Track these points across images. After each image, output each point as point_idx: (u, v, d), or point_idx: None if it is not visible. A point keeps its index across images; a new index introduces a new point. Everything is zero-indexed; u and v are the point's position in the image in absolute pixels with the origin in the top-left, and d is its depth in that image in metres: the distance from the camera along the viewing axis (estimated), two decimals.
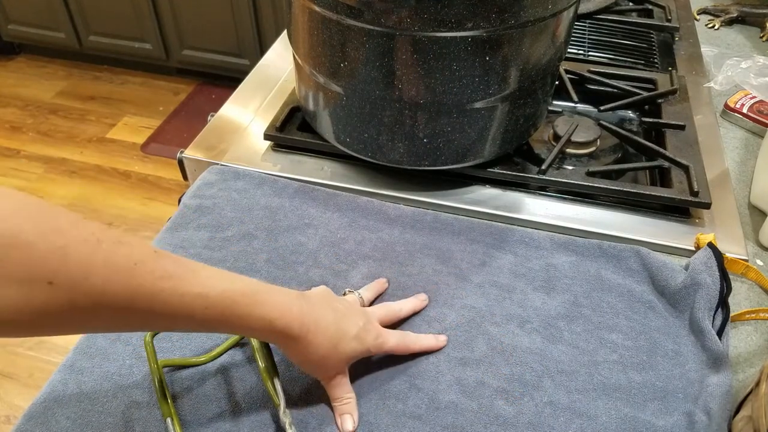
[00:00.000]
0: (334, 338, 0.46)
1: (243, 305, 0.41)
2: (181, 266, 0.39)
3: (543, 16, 0.56)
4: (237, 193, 0.67)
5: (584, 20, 0.98)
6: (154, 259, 0.37)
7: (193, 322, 0.40)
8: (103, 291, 0.34)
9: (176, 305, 0.38)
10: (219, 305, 0.40)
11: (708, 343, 0.53)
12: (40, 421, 0.47)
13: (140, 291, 0.36)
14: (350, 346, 0.47)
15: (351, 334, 0.47)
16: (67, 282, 0.33)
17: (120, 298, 0.35)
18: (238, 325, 0.41)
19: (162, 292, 0.37)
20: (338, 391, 0.48)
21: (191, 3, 2.13)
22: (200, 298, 0.39)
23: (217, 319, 0.40)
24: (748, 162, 0.76)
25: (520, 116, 0.65)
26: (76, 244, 0.34)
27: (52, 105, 2.37)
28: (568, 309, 0.57)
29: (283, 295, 0.44)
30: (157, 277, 0.37)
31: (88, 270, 0.34)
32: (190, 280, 0.39)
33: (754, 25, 1.05)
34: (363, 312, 0.51)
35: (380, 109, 0.61)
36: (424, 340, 0.53)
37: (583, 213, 0.67)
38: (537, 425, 0.48)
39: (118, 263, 0.35)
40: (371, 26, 0.55)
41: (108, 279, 0.34)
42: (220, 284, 0.40)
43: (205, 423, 0.48)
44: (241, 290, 0.41)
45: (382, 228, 0.64)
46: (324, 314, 0.46)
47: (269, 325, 0.42)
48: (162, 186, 2.02)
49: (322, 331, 0.45)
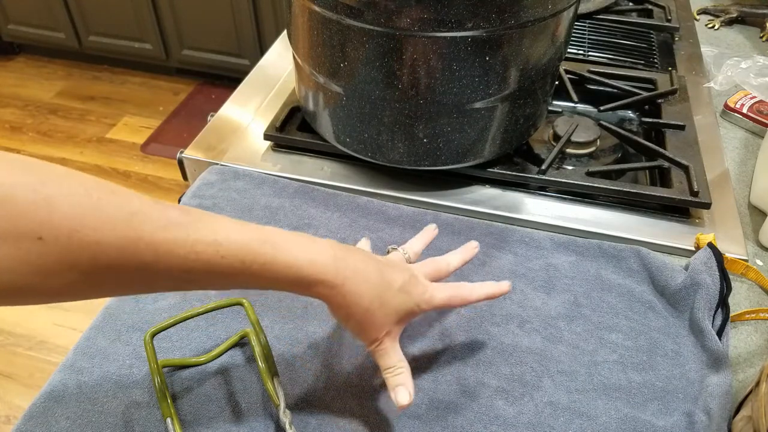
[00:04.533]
0: (377, 287, 0.41)
1: (265, 251, 0.37)
2: (189, 215, 0.36)
3: (543, 16, 0.56)
4: (237, 193, 0.67)
5: (584, 20, 0.98)
6: (155, 207, 0.35)
7: (212, 275, 0.36)
8: (98, 243, 0.32)
9: (187, 256, 0.35)
10: (237, 253, 0.36)
11: (708, 343, 0.53)
12: (40, 421, 0.47)
13: (142, 243, 0.33)
14: (397, 299, 0.42)
15: (397, 285, 0.43)
16: (57, 236, 0.31)
17: (120, 251, 0.33)
18: (262, 274, 0.37)
19: (167, 242, 0.34)
20: (388, 360, 0.44)
21: (191, 3, 2.13)
22: (214, 246, 0.35)
23: (237, 269, 0.36)
24: (748, 162, 0.76)
25: (520, 116, 0.65)
26: (63, 196, 0.31)
27: (51, 105, 2.37)
28: (568, 309, 0.57)
29: (312, 240, 0.41)
30: (160, 227, 0.34)
31: (77, 222, 0.31)
32: (200, 228, 0.35)
33: (754, 25, 1.05)
34: (407, 267, 0.46)
35: (380, 109, 0.61)
36: (481, 289, 0.48)
37: (583, 213, 0.67)
38: (537, 425, 0.48)
39: (112, 214, 0.33)
40: (371, 26, 0.55)
41: (101, 231, 0.32)
42: (236, 231, 0.37)
43: (205, 423, 0.47)
44: (261, 237, 0.37)
45: (382, 228, 0.64)
46: (363, 261, 0.42)
47: (298, 272, 0.38)
48: (162, 186, 2.02)
49: (362, 279, 0.41)
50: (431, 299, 0.45)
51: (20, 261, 0.31)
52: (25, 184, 0.31)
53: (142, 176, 2.05)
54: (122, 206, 0.33)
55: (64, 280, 0.32)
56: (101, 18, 2.28)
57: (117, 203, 0.33)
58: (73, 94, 2.42)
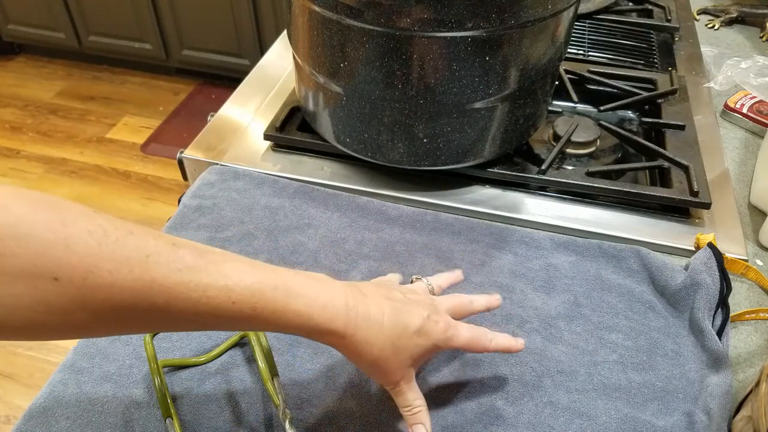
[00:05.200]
0: (391, 334, 0.40)
1: (276, 298, 0.37)
2: (202, 257, 0.35)
3: (543, 16, 0.56)
4: (237, 193, 0.67)
5: (584, 20, 0.98)
6: (171, 250, 0.34)
7: (222, 319, 0.36)
8: (112, 285, 0.32)
9: (199, 300, 0.34)
10: (248, 299, 0.36)
11: (708, 343, 0.53)
12: (40, 421, 0.47)
13: (155, 285, 0.33)
14: (413, 343, 0.41)
15: (413, 328, 0.41)
16: (73, 277, 0.31)
17: (133, 293, 0.33)
18: (273, 321, 0.37)
19: (180, 285, 0.34)
20: (404, 399, 0.43)
21: (191, 3, 2.13)
22: (226, 291, 0.35)
23: (248, 315, 0.36)
24: (748, 162, 0.76)
25: (520, 116, 0.65)
26: (81, 236, 0.31)
27: (51, 105, 2.36)
28: (568, 309, 0.57)
29: (326, 285, 0.40)
30: (174, 270, 0.34)
31: (94, 263, 0.31)
32: (212, 271, 0.35)
33: (754, 25, 1.05)
34: (429, 301, 0.45)
35: (380, 109, 0.61)
36: (500, 339, 0.47)
37: (583, 213, 0.67)
38: (537, 425, 0.48)
39: (128, 255, 0.33)
40: (371, 26, 0.55)
41: (117, 272, 0.32)
42: (249, 275, 0.36)
43: (205, 423, 0.47)
44: (273, 282, 0.37)
45: (382, 228, 0.64)
46: (377, 305, 0.41)
47: (308, 320, 0.38)
48: (162, 186, 2.02)
49: (375, 327, 0.40)
50: (452, 339, 0.44)
51: (34, 300, 0.31)
52: (45, 223, 0.31)
53: (142, 176, 2.05)
54: (139, 248, 0.33)
55: (76, 319, 0.33)
56: (101, 18, 2.28)
57: (134, 245, 0.33)
58: (73, 94, 2.42)
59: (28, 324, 0.32)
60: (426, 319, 0.42)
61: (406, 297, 0.43)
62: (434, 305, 0.44)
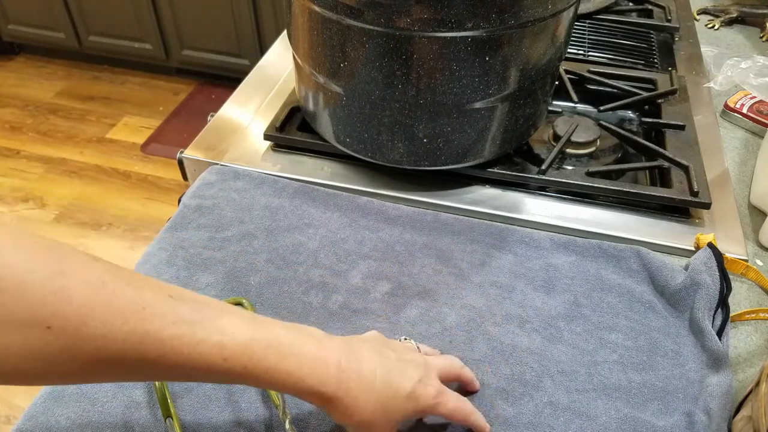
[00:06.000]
0: (381, 398, 0.39)
1: (268, 358, 0.36)
2: (198, 311, 0.35)
3: (543, 16, 0.56)
4: (237, 193, 0.67)
5: (584, 20, 0.98)
6: (167, 302, 0.34)
7: (213, 374, 0.36)
8: (105, 337, 0.32)
9: (190, 355, 0.34)
10: (240, 357, 0.35)
11: (708, 343, 0.53)
12: (40, 421, 0.47)
13: (148, 338, 0.33)
14: (402, 407, 0.41)
15: (404, 392, 0.40)
16: (66, 326, 0.31)
17: (125, 345, 0.32)
18: (264, 380, 0.37)
19: (173, 339, 0.34)
20: None
21: (191, 3, 2.13)
22: (218, 348, 0.35)
23: (239, 373, 0.36)
24: (748, 162, 0.76)
25: (519, 116, 0.65)
26: (78, 285, 0.31)
27: (51, 105, 2.37)
28: (568, 309, 0.57)
29: (319, 345, 0.39)
30: (169, 323, 0.34)
31: (88, 314, 0.31)
32: (206, 326, 0.35)
33: (754, 25, 1.05)
34: (421, 362, 0.44)
35: (380, 109, 0.61)
36: (481, 421, 0.46)
37: (583, 213, 0.67)
38: (537, 425, 0.48)
39: (123, 307, 0.32)
40: (371, 26, 0.55)
41: (110, 324, 0.32)
42: (242, 333, 0.36)
43: (205, 423, 0.47)
44: (266, 340, 0.37)
45: (382, 228, 0.64)
46: (370, 368, 0.40)
47: (299, 382, 0.37)
48: (162, 186, 2.02)
49: (366, 390, 0.39)
50: (437, 407, 0.43)
51: (25, 348, 0.30)
52: (43, 271, 0.31)
53: (142, 176, 2.05)
54: (135, 300, 0.33)
55: (63, 368, 0.32)
56: (101, 18, 2.28)
57: (130, 296, 0.33)
58: (73, 94, 2.42)
59: (11, 371, 0.31)
60: (417, 383, 0.41)
61: (399, 357, 0.42)
62: (427, 366, 0.44)
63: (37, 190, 2.00)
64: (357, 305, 0.56)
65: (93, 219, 1.90)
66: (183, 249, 0.61)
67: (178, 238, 0.62)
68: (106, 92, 2.43)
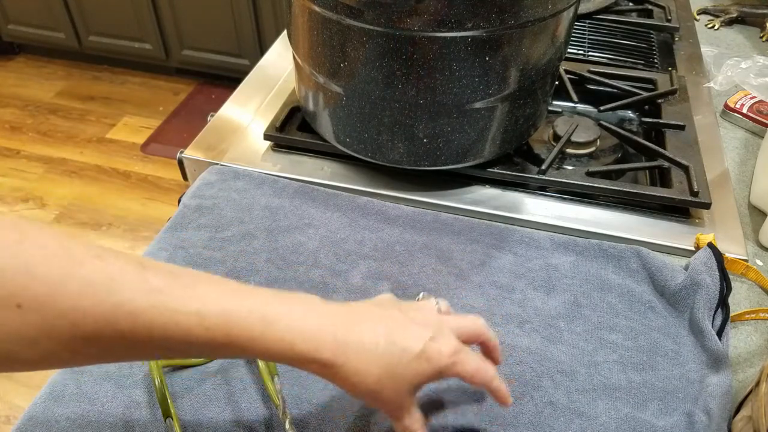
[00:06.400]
0: (387, 361, 0.36)
1: (253, 325, 0.34)
2: (173, 279, 0.33)
3: (543, 16, 0.56)
4: (237, 193, 0.67)
5: (584, 20, 0.98)
6: (138, 271, 0.33)
7: (194, 346, 0.34)
8: (75, 311, 0.31)
9: (166, 325, 0.32)
10: (222, 325, 0.33)
11: (708, 343, 0.53)
12: (40, 421, 0.47)
13: (120, 310, 0.31)
14: (412, 369, 0.37)
15: (414, 351, 0.37)
16: (36, 302, 0.30)
17: (98, 319, 0.31)
18: (251, 349, 0.34)
19: (146, 310, 0.32)
20: (401, 426, 0.40)
21: (191, 3, 2.13)
22: (197, 317, 0.33)
23: (222, 343, 0.34)
24: (748, 162, 0.76)
25: (519, 116, 0.65)
26: (43, 260, 0.30)
27: (51, 105, 2.37)
28: (568, 309, 0.57)
29: (310, 308, 0.36)
30: (141, 293, 0.32)
31: (56, 288, 0.30)
32: (181, 295, 0.33)
33: (754, 25, 1.05)
34: (434, 320, 0.40)
35: (380, 109, 0.61)
36: (502, 385, 0.42)
37: (583, 213, 0.67)
38: (537, 425, 0.48)
39: (92, 279, 0.31)
40: (371, 26, 0.55)
41: (80, 297, 0.31)
42: (222, 299, 0.34)
43: (205, 423, 0.47)
44: (248, 306, 0.34)
45: (382, 228, 0.64)
46: (371, 329, 0.37)
47: (291, 349, 0.35)
48: (162, 186, 2.02)
49: (367, 353, 0.36)
50: (457, 365, 0.39)
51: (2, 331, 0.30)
52: (5, 248, 0.30)
53: (142, 176, 2.05)
54: (104, 270, 0.32)
55: (43, 349, 0.31)
56: (101, 18, 2.28)
57: (99, 267, 0.32)
58: (73, 94, 2.42)
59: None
60: (429, 342, 0.38)
61: (406, 316, 0.39)
62: (440, 325, 0.40)
63: (37, 190, 2.00)
64: None
65: (93, 219, 1.90)
66: (183, 249, 0.61)
67: (178, 238, 0.62)
68: (106, 92, 2.43)
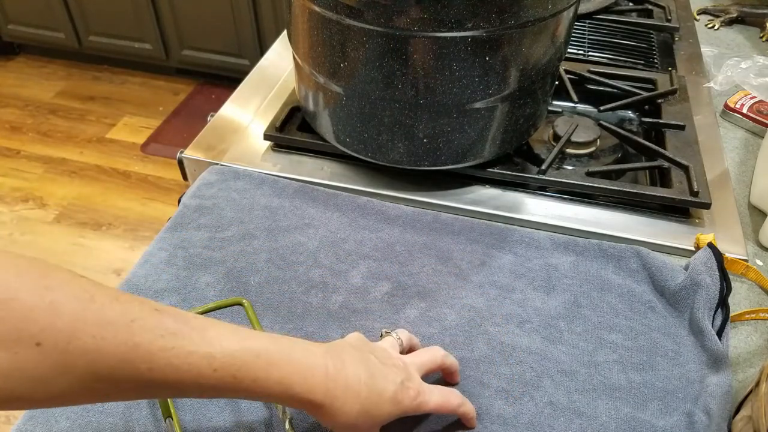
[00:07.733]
0: (366, 403, 0.41)
1: (257, 367, 0.37)
2: (186, 324, 0.36)
3: (543, 16, 0.56)
4: (237, 193, 0.67)
5: (584, 20, 0.98)
6: (155, 315, 0.35)
7: (203, 387, 0.36)
8: (96, 351, 0.32)
9: (180, 367, 0.34)
10: (229, 367, 0.36)
11: (708, 343, 0.53)
12: (40, 421, 0.47)
13: (139, 351, 0.33)
14: (385, 410, 0.42)
15: (387, 396, 0.41)
16: (56, 342, 0.31)
17: (116, 359, 0.32)
18: (254, 389, 0.37)
19: (163, 351, 0.34)
20: None
21: (191, 3, 2.13)
22: (208, 359, 0.35)
23: (229, 383, 0.36)
24: (748, 162, 0.76)
25: (519, 116, 0.65)
26: (66, 301, 0.31)
27: (51, 105, 2.37)
28: (568, 309, 0.57)
29: (307, 354, 0.40)
30: (158, 335, 0.34)
31: (78, 328, 0.31)
32: (195, 338, 0.35)
33: (754, 25, 1.05)
34: (402, 364, 0.45)
35: (380, 109, 0.61)
36: (469, 408, 0.47)
37: (583, 213, 0.67)
38: (537, 425, 0.48)
39: (112, 320, 0.33)
40: (371, 26, 0.55)
41: (101, 338, 0.32)
42: (231, 343, 0.37)
43: (205, 423, 0.47)
44: (255, 350, 0.37)
45: (382, 228, 0.64)
46: (355, 374, 0.41)
47: (288, 390, 0.38)
48: (162, 186, 2.02)
49: (352, 396, 0.40)
50: (422, 405, 0.44)
51: (12, 367, 0.30)
52: (30, 287, 0.31)
53: (142, 176, 2.05)
54: (124, 313, 0.33)
55: (54, 387, 0.32)
56: (101, 18, 2.28)
57: (118, 309, 0.33)
58: (73, 94, 2.42)
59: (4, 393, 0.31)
60: (399, 386, 0.42)
61: (381, 362, 0.43)
62: (407, 369, 0.44)
63: (37, 190, 2.00)
64: (357, 305, 0.56)
65: (93, 219, 1.90)
66: (183, 249, 0.61)
67: (178, 238, 0.62)
68: (106, 92, 2.43)
